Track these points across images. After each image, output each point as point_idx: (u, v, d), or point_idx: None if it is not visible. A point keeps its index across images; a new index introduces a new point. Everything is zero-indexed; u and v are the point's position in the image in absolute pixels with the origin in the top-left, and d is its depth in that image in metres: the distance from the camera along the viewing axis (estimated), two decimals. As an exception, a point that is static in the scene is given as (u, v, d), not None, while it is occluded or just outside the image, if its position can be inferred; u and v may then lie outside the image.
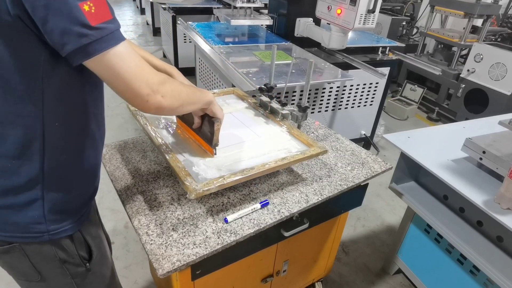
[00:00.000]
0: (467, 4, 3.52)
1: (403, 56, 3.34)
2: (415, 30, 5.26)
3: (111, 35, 0.63)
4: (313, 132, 1.52)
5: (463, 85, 3.55)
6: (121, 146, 1.28)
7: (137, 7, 8.23)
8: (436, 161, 1.44)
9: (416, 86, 3.94)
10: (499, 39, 4.21)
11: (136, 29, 6.80)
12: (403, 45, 2.90)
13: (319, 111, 2.65)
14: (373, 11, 2.00)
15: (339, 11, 2.11)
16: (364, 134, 3.04)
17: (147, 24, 6.88)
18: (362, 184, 1.25)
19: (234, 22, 2.36)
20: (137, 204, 1.01)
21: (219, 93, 1.47)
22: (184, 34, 4.02)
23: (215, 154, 1.05)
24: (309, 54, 2.39)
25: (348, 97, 2.72)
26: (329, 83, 2.36)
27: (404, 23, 4.77)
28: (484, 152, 1.31)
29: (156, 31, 6.02)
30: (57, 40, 0.60)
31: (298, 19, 2.54)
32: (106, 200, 2.37)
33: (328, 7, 2.20)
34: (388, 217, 2.49)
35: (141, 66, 0.69)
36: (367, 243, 2.26)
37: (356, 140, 3.08)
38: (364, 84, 2.75)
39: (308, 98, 2.42)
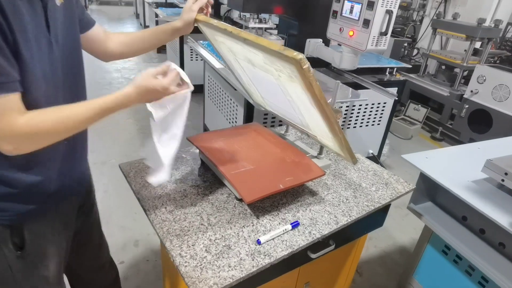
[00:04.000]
0: (469, 28, 3.62)
1: (410, 77, 3.40)
2: (415, 51, 5.39)
3: None
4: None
5: (467, 106, 3.61)
6: (145, 165, 1.28)
7: (141, 25, 8.36)
8: (456, 181, 1.45)
9: (419, 106, 3.99)
10: (497, 61, 4.31)
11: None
12: (410, 66, 2.96)
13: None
14: (385, 33, 2.05)
15: (351, 33, 2.16)
16: (372, 153, 3.05)
17: (151, 41, 6.96)
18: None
19: (247, 42, 2.39)
20: (167, 224, 1.00)
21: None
22: (191, 51, 4.07)
23: None
24: (320, 74, 2.42)
25: (357, 116, 2.75)
26: (342, 102, 2.38)
27: (405, 44, 4.88)
28: (506, 174, 1.32)
29: (160, 48, 6.09)
30: None
31: (308, 40, 2.58)
32: (115, 217, 2.33)
33: (340, 29, 2.25)
34: (399, 237, 2.47)
35: (7, 120, 0.72)
36: (380, 263, 2.23)
37: (363, 159, 3.10)
38: (373, 104, 2.79)
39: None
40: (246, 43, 0.90)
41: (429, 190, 1.67)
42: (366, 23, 2.03)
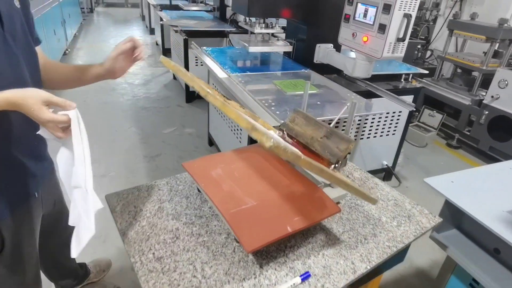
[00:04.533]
0: (490, 29, 3.40)
1: (427, 83, 3.19)
2: (429, 53, 5.16)
3: None
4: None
5: (487, 112, 3.39)
6: (134, 195, 1.13)
7: (146, 27, 8.26)
8: (488, 211, 1.27)
9: (435, 112, 3.78)
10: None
11: (145, 49, 6.77)
12: (427, 72, 2.77)
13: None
14: (403, 39, 1.87)
15: (365, 39, 1.98)
16: (386, 165, 2.87)
17: (157, 44, 6.86)
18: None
19: (252, 49, 2.24)
20: (154, 276, 0.85)
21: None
22: (196, 57, 3.93)
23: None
24: (331, 83, 2.25)
25: (370, 126, 2.57)
26: (355, 117, 2.20)
27: (419, 46, 4.66)
28: (550, 206, 1.14)
29: (166, 52, 5.97)
30: None
31: (318, 45, 2.41)
32: (112, 236, 2.20)
33: (353, 34, 2.08)
34: (415, 257, 2.29)
35: None
36: (396, 289, 2.06)
37: (377, 171, 2.91)
38: (387, 113, 2.60)
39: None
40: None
41: (454, 215, 1.50)
42: (382, 28, 1.86)
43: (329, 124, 1.20)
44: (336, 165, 1.04)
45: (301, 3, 2.28)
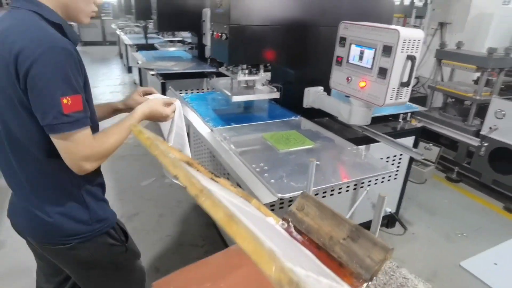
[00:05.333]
0: (479, 58, 3.29)
1: (427, 122, 2.98)
2: (415, 81, 5.08)
3: (75, 123, 0.91)
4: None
5: (486, 144, 3.21)
6: None
7: (124, 65, 8.03)
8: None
9: (431, 145, 3.59)
10: (504, 88, 3.96)
11: (123, 89, 6.50)
12: (426, 108, 2.57)
13: (339, 192, 2.22)
14: (407, 83, 1.65)
15: (363, 84, 1.76)
16: (390, 212, 2.60)
17: (135, 83, 6.61)
18: None
19: (236, 98, 1.99)
20: None
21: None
22: (174, 99, 3.67)
23: None
24: (325, 132, 1.99)
25: (371, 173, 2.32)
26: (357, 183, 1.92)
27: (406, 75, 4.55)
28: None
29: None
30: (39, 116, 0.90)
31: (306, 89, 2.19)
32: None
33: (348, 78, 1.85)
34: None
35: (86, 146, 0.96)
36: None
37: (380, 219, 2.64)
38: (388, 158, 2.37)
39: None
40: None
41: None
42: (383, 72, 1.64)
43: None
44: (369, 283, 0.75)
45: (287, 45, 2.06)
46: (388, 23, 2.48)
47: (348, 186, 2.20)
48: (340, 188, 2.18)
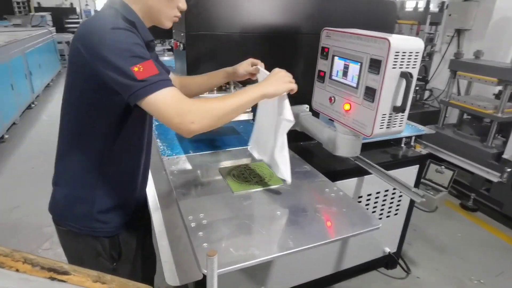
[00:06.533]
0: (502, 70, 2.85)
1: (434, 148, 2.54)
2: (427, 93, 4.63)
3: (153, 85, 0.91)
4: None
5: (509, 169, 2.76)
6: None
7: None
8: None
9: (443, 167, 3.14)
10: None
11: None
12: (433, 131, 2.17)
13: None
14: (402, 109, 1.27)
15: (347, 107, 1.39)
16: (389, 252, 2.19)
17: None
18: None
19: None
20: None
21: None
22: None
23: None
24: (302, 163, 1.60)
25: (366, 209, 1.94)
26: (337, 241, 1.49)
27: (417, 88, 4.13)
28: None
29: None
30: (121, 92, 0.93)
31: (288, 108, 1.83)
32: None
33: (330, 99, 1.48)
34: None
35: (174, 103, 0.94)
36: None
37: (377, 261, 2.23)
38: (386, 191, 1.98)
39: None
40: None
41: None
42: (370, 93, 1.26)
43: None
44: None
45: (262, 56, 1.71)
46: (390, 31, 2.11)
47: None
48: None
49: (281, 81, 1.14)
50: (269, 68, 1.73)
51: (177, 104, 0.93)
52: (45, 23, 8.16)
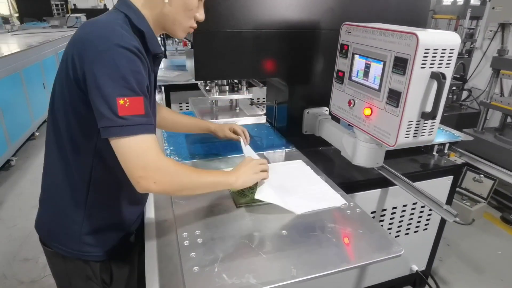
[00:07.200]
0: (553, 69, 2.54)
1: (472, 157, 2.28)
2: (466, 94, 4.28)
3: (133, 127, 0.81)
4: None
5: (559, 181, 2.45)
6: None
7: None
8: None
9: (482, 176, 2.86)
10: None
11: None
12: (471, 138, 1.93)
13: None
14: (432, 115, 1.09)
15: (367, 112, 1.23)
16: (417, 271, 1.99)
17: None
18: None
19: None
20: None
21: None
22: (180, 103, 3.32)
23: None
24: (316, 179, 1.44)
25: (391, 223, 1.76)
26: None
27: (454, 87, 3.82)
28: None
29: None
30: (96, 116, 0.82)
31: (306, 111, 1.69)
32: None
33: (350, 102, 1.33)
34: None
35: (145, 154, 0.83)
36: None
37: (403, 279, 2.03)
38: (414, 204, 1.78)
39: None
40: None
41: None
42: (395, 97, 1.10)
43: None
44: None
45: (278, 55, 1.58)
46: (423, 27, 1.89)
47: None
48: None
49: (251, 172, 1.08)
50: (287, 69, 1.60)
51: (148, 157, 0.83)
52: (80, 23, 8.46)
